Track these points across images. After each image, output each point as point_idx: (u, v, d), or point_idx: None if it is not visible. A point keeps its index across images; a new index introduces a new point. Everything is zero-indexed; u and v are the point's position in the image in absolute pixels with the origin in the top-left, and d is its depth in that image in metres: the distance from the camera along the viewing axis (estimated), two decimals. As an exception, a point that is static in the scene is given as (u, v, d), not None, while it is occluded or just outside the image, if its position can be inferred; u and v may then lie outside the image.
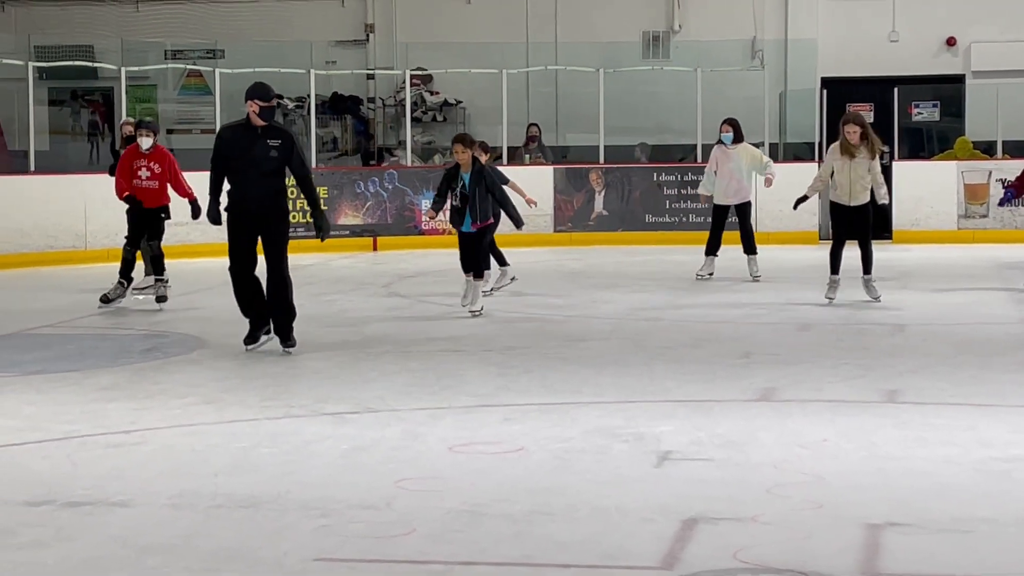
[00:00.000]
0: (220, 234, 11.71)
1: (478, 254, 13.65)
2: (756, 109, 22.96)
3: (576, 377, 10.21)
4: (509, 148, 22.57)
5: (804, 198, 14.58)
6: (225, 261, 11.62)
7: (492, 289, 14.90)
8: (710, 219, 16.86)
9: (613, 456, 7.71)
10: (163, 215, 14.65)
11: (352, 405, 9.19)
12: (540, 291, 15.77)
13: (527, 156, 23.11)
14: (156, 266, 14.66)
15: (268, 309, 11.30)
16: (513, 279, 15.32)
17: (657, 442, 7.99)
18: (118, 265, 14.47)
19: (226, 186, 11.34)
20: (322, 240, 11.45)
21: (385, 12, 25.41)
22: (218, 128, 20.93)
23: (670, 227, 22.10)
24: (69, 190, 18.97)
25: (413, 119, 23.25)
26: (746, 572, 5.66)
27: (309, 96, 22.51)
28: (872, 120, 23.04)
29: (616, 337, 12.23)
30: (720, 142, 16.64)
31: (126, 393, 9.71)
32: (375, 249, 20.96)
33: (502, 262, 15.33)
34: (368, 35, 25.41)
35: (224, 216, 11.32)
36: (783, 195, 17.29)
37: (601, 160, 22.62)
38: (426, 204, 21.41)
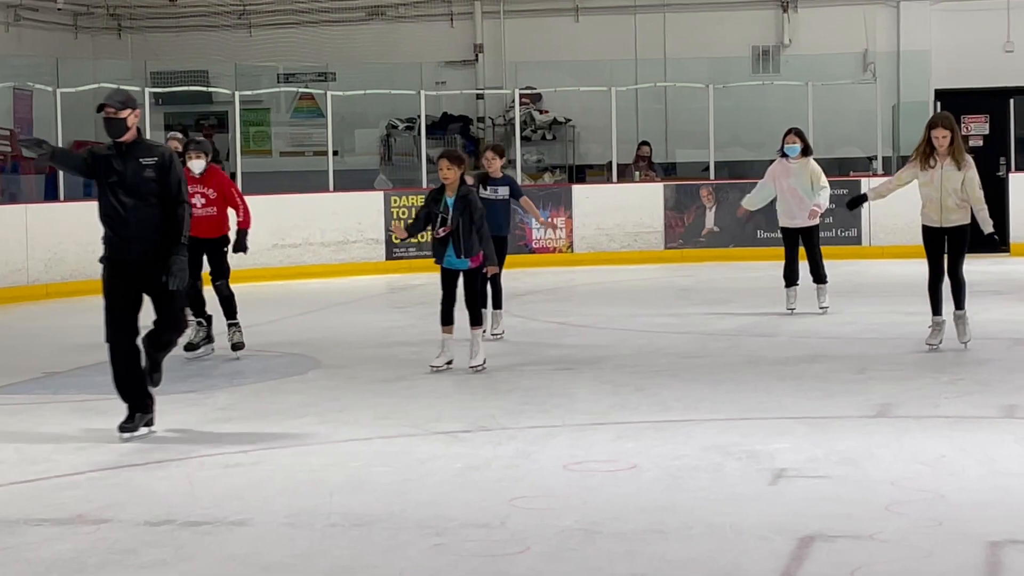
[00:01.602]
0: (333, 255, 11.79)
1: (475, 296, 11.55)
2: (868, 123, 22.75)
3: (689, 394, 10.16)
4: (619, 165, 22.54)
5: (862, 198, 12.74)
6: (335, 282, 11.58)
7: (499, 334, 13.24)
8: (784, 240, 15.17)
9: (727, 474, 7.67)
10: (225, 247, 12.78)
11: (465, 424, 9.22)
12: (651, 308, 15.72)
13: (637, 173, 23.07)
14: (226, 308, 12.68)
15: (148, 348, 9.12)
16: (502, 333, 13.39)
17: (772, 459, 7.93)
18: (234, 287, 14.55)
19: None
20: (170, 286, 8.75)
21: (494, 32, 25.52)
22: (329, 149, 21.33)
23: (782, 243, 21.92)
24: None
25: (522, 138, 23.30)
26: (864, 590, 5.61)
27: (419, 117, 22.65)
28: (987, 132, 22.78)
29: (730, 353, 12.15)
30: (783, 155, 14.72)
31: (243, 413, 9.82)
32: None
33: (500, 304, 13.44)
34: (477, 55, 25.52)
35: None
36: (898, 209, 17.09)
37: (711, 176, 22.53)
38: (535, 223, 21.46)
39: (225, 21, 25.82)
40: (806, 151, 14.64)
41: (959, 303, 11.84)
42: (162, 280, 8.77)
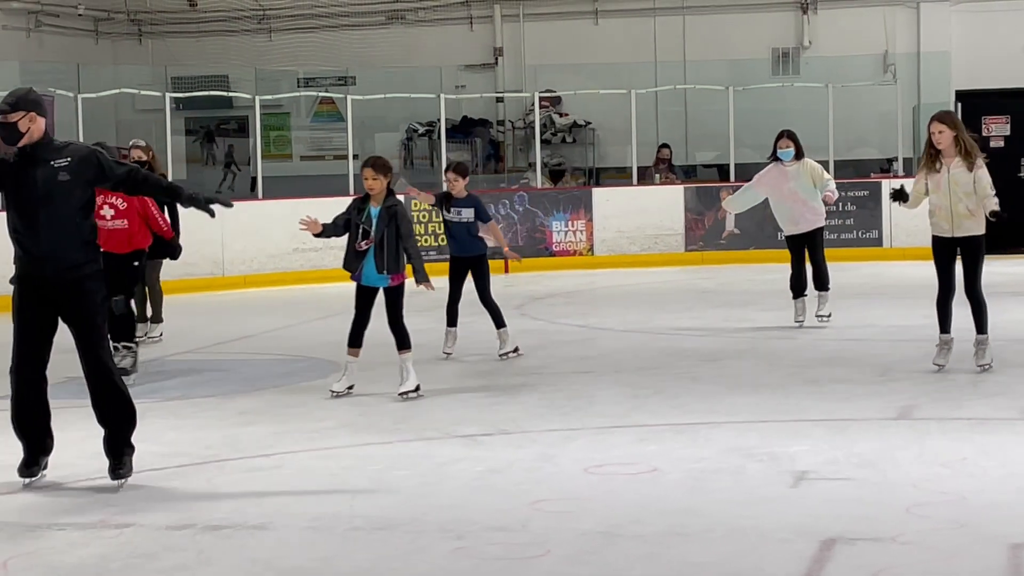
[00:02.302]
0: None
1: (398, 316, 10.63)
2: (889, 124, 22.69)
3: (709, 397, 10.16)
4: (639, 168, 22.53)
5: (901, 193, 11.27)
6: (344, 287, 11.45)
7: (507, 353, 12.40)
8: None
9: (748, 476, 7.66)
10: (135, 262, 11.99)
11: (485, 427, 9.22)
12: (672, 310, 15.70)
13: (657, 176, 23.06)
14: (120, 329, 11.41)
15: (102, 419, 8.00)
16: (516, 349, 12.51)
17: (793, 462, 7.92)
18: (255, 292, 14.63)
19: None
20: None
21: (513, 35, 25.53)
22: (350, 154, 21.35)
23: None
24: (206, 218, 19.25)
25: (542, 141, 23.30)
26: (885, 593, 5.60)
27: (439, 120, 22.67)
28: (1008, 133, 22.69)
29: (749, 356, 12.14)
30: (777, 159, 13.81)
31: (263, 417, 9.84)
32: (506, 271, 21.01)
33: (501, 322, 12.58)
34: (497, 58, 25.53)
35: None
36: (920, 210, 17.01)
37: (732, 178, 22.49)
38: (557, 225, 21.45)
39: (245, 26, 25.88)
40: (799, 154, 13.76)
41: (979, 326, 10.85)
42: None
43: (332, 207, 21.17)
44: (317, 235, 10.43)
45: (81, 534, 6.82)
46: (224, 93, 23.94)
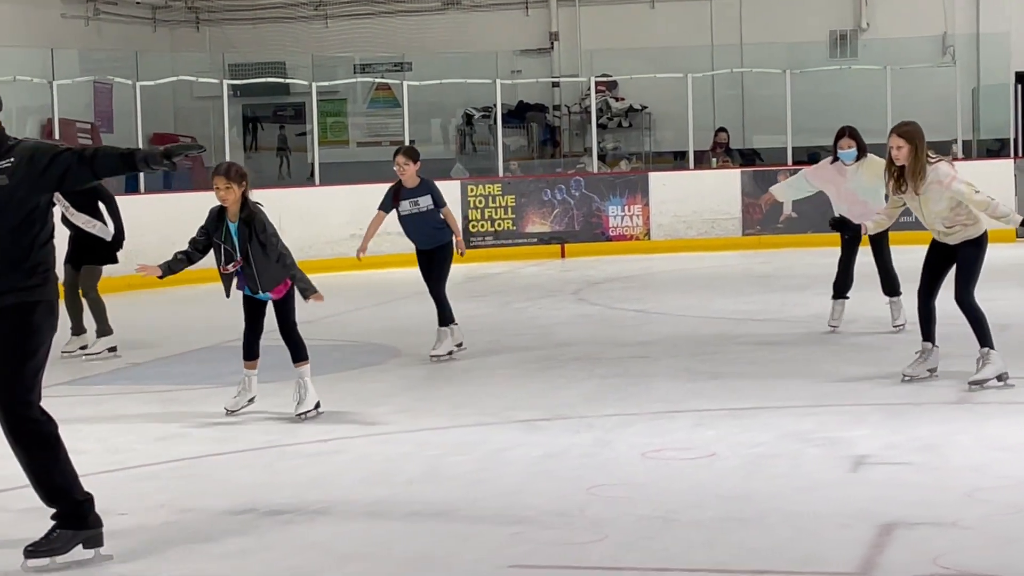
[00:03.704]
0: (410, 244, 11.81)
1: (290, 329, 9.45)
2: (947, 106, 22.50)
3: (767, 382, 10.12)
4: (696, 152, 22.46)
5: (840, 223, 10.88)
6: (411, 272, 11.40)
7: (448, 353, 11.54)
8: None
9: (806, 461, 7.63)
10: None
11: (542, 412, 9.23)
12: (729, 295, 15.65)
13: (714, 160, 22.97)
14: None
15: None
16: (460, 345, 11.69)
17: (851, 447, 7.89)
18: (312, 277, 14.55)
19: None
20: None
21: (569, 20, 25.49)
22: (406, 139, 21.36)
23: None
24: (266, 204, 19.36)
25: (599, 125, 23.26)
26: (945, 578, 5.57)
27: (495, 106, 22.67)
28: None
29: (807, 341, 12.08)
30: (836, 159, 12.29)
31: (322, 402, 9.88)
32: (563, 256, 21.01)
33: (446, 319, 11.65)
34: (553, 43, 25.51)
35: None
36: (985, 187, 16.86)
37: (789, 162, 22.36)
38: (613, 210, 21.42)
39: (302, 13, 25.97)
40: (862, 152, 12.16)
41: (981, 339, 9.56)
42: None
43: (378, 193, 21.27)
44: (162, 277, 9.07)
45: (141, 519, 6.88)
46: (281, 80, 24.04)
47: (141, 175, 19.54)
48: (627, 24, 24.85)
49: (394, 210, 11.61)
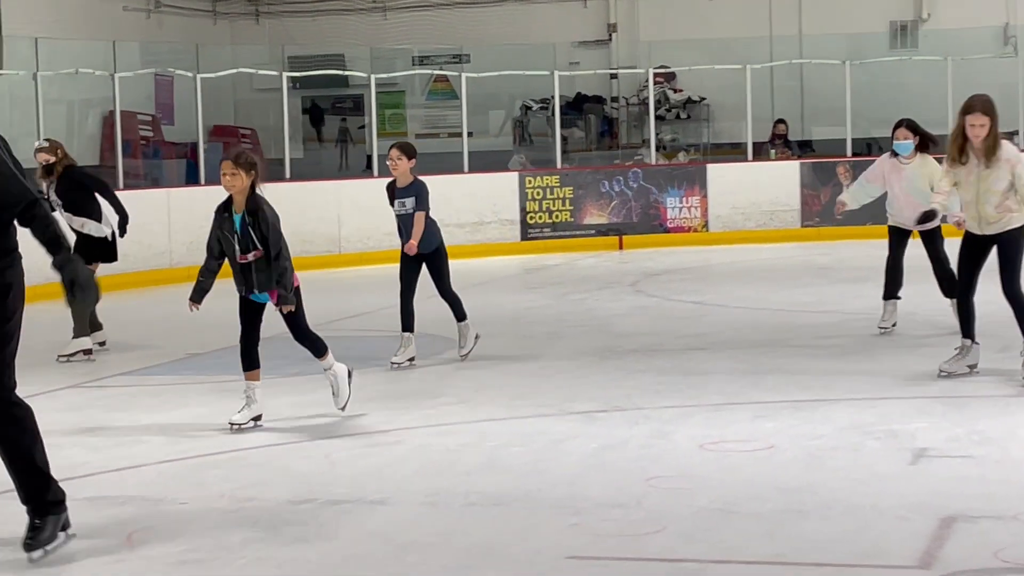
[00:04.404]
0: (468, 236, 11.81)
1: (302, 333, 9.13)
2: (1010, 97, 22.27)
3: (827, 373, 10.08)
4: (754, 143, 22.37)
5: (931, 214, 10.07)
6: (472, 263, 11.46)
7: (468, 352, 11.25)
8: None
9: (866, 453, 7.60)
10: None
11: (600, 404, 9.23)
12: (788, 287, 15.59)
13: (772, 151, 22.88)
14: None
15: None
16: (477, 337, 11.37)
17: (912, 439, 7.85)
18: (371, 269, 14.52)
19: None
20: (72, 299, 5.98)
21: (627, 11, 25.45)
22: (464, 131, 21.40)
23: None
24: (323, 196, 19.48)
25: (657, 117, 23.20)
26: (1008, 572, 5.53)
27: (553, 97, 22.67)
28: None
29: (867, 332, 12.00)
30: (893, 153, 11.71)
31: (380, 394, 9.93)
32: (621, 248, 20.99)
33: (461, 315, 11.35)
34: (611, 35, 25.48)
35: None
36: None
37: (848, 153, 22.24)
38: (671, 201, 21.36)
39: (360, 5, 26.06)
40: (922, 146, 11.62)
41: None
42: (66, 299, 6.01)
43: (446, 185, 21.33)
44: (199, 302, 8.83)
45: (202, 508, 6.94)
46: (340, 72, 24.14)
47: (202, 168, 19.68)
48: (686, 15, 24.79)
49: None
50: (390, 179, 11.28)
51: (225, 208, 8.74)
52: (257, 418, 8.83)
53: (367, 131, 23.35)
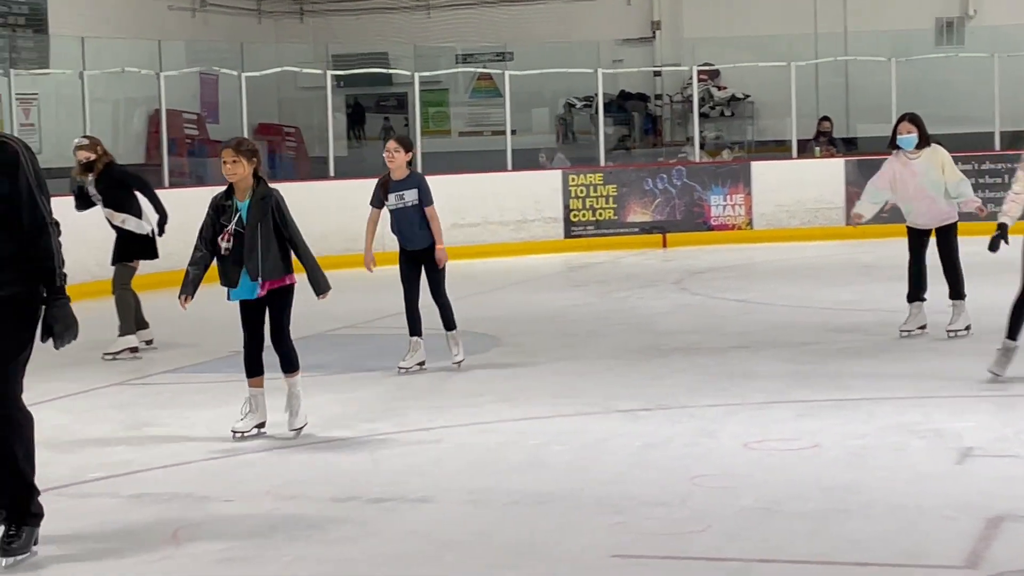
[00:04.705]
0: (511, 233, 11.80)
1: (282, 334, 8.56)
2: (1058, 94, 22.14)
3: (871, 372, 10.03)
4: (799, 141, 22.28)
5: (1002, 234, 9.96)
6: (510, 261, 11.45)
7: (460, 361, 10.79)
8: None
9: (911, 453, 7.56)
10: None
11: (643, 402, 9.21)
12: (831, 285, 15.52)
13: (817, 149, 22.77)
14: None
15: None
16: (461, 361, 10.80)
17: (958, 438, 7.80)
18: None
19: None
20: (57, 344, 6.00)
21: (671, 8, 25.38)
22: (508, 129, 21.39)
23: (967, 217, 21.46)
24: (367, 194, 19.50)
25: (700, 114, 23.15)
26: (1054, 573, 5.49)
27: (597, 95, 22.64)
28: None
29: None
30: (896, 147, 11.62)
31: (422, 391, 9.94)
32: (664, 246, 20.94)
33: (451, 322, 10.84)
34: (654, 32, 25.43)
35: None
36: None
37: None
38: (715, 199, 21.30)
39: (404, 3, 26.10)
40: (924, 140, 11.49)
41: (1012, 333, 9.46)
42: (44, 341, 5.99)
43: (489, 183, 21.30)
44: (191, 296, 8.48)
45: (246, 505, 6.96)
46: (384, 70, 24.18)
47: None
48: (730, 12, 24.70)
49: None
50: (382, 176, 10.88)
51: (227, 197, 8.41)
52: (260, 425, 8.55)
53: (410, 129, 23.38)
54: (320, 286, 8.50)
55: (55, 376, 10.45)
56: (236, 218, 8.34)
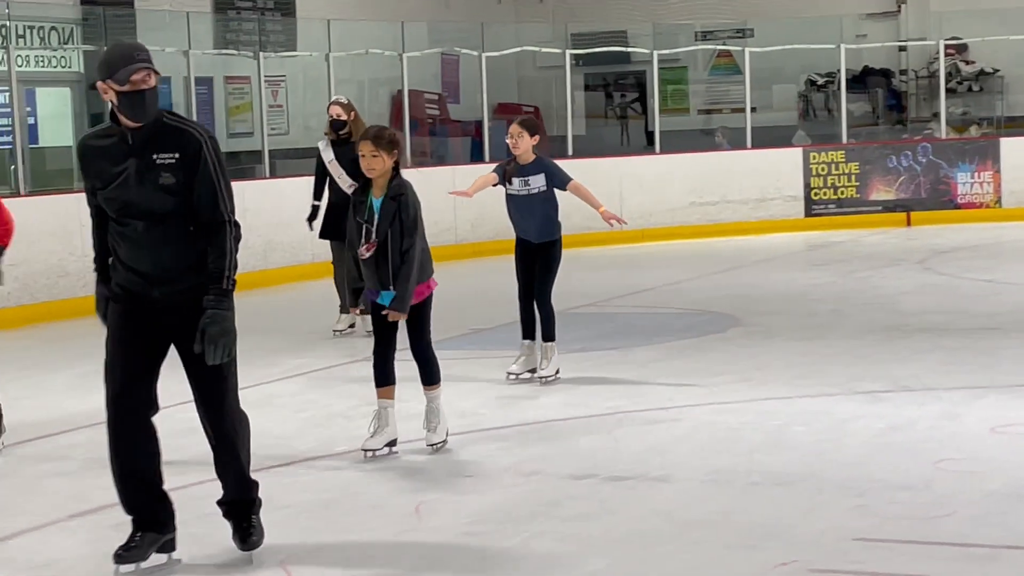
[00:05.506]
0: (751, 212, 11.70)
1: (423, 344, 7.92)
2: None
3: None
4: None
5: None
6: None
7: (548, 376, 9.69)
8: None
9: None
10: None
11: (886, 384, 9.06)
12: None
13: (1070, 124, 22.05)
14: None
15: (223, 478, 6.01)
16: (534, 371, 9.80)
17: None
18: (653, 245, 14.50)
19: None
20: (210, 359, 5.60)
21: (918, -19, 24.80)
22: (747, 107, 21.20)
23: None
24: (606, 172, 19.53)
25: (947, 90, 22.58)
26: None
27: (839, 71, 22.26)
28: None
29: None
30: None
31: (663, 370, 9.93)
32: (908, 224, 20.51)
33: (550, 333, 9.78)
34: (900, 6, 24.87)
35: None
36: None
37: None
38: (962, 177, 20.76)
39: (643, -19, 26.00)
40: None
41: None
42: (195, 349, 5.62)
43: (729, 160, 21.14)
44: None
45: (488, 481, 7.06)
46: (622, 48, 24.16)
47: (486, 146, 19.97)
48: (979, -15, 24.01)
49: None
50: (507, 159, 9.96)
51: (363, 191, 7.71)
52: (392, 443, 7.77)
53: (649, 107, 23.33)
54: (393, 304, 7.59)
55: (301, 353, 10.71)
56: (369, 216, 7.59)
